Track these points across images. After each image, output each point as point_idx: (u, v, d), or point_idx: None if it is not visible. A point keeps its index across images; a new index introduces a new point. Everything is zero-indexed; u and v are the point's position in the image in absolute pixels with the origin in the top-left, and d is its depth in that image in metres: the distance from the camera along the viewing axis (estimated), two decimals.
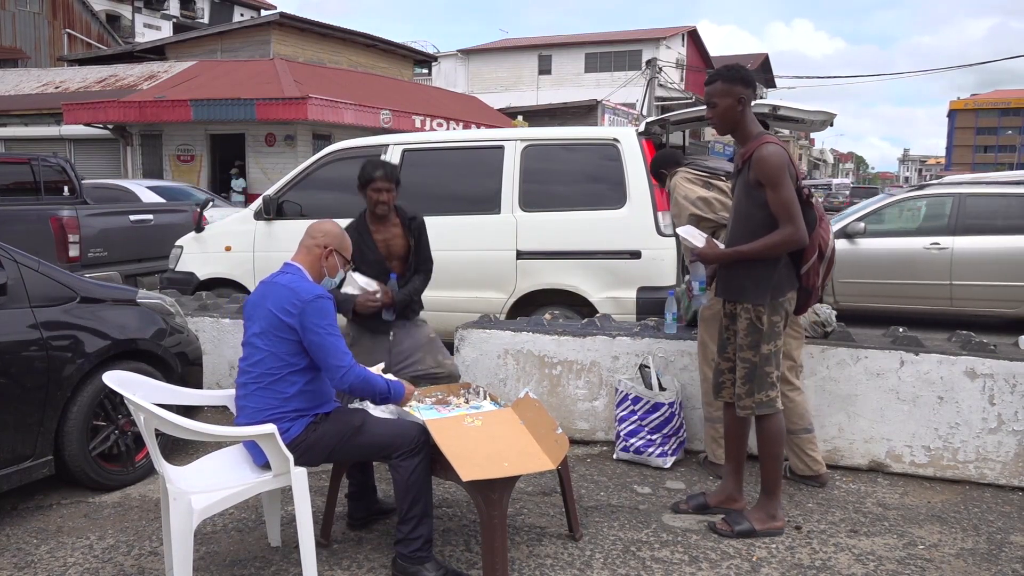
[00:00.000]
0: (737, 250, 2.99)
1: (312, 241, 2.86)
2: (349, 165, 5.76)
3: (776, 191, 2.87)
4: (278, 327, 2.64)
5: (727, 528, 3.09)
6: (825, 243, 3.03)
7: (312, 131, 16.85)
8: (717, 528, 3.11)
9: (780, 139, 2.97)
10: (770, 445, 3.08)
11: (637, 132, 5.16)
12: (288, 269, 2.81)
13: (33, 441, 3.28)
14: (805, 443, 3.55)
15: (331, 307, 2.70)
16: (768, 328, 2.98)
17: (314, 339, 2.64)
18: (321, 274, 2.85)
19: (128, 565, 2.90)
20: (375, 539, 3.10)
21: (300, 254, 2.85)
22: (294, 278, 2.74)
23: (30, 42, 28.12)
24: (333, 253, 2.87)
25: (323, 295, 2.70)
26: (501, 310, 5.16)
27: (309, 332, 2.64)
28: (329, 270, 2.88)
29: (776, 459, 3.09)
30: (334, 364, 2.66)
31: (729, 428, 3.25)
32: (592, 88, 34.54)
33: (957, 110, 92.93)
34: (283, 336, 2.65)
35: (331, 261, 2.87)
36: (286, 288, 2.69)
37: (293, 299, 2.64)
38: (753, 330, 3.00)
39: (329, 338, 2.66)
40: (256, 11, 36.97)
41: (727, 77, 3.00)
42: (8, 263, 3.28)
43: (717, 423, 3.61)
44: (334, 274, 2.91)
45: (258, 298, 2.75)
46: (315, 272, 2.83)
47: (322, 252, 2.84)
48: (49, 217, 7.26)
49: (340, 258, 2.91)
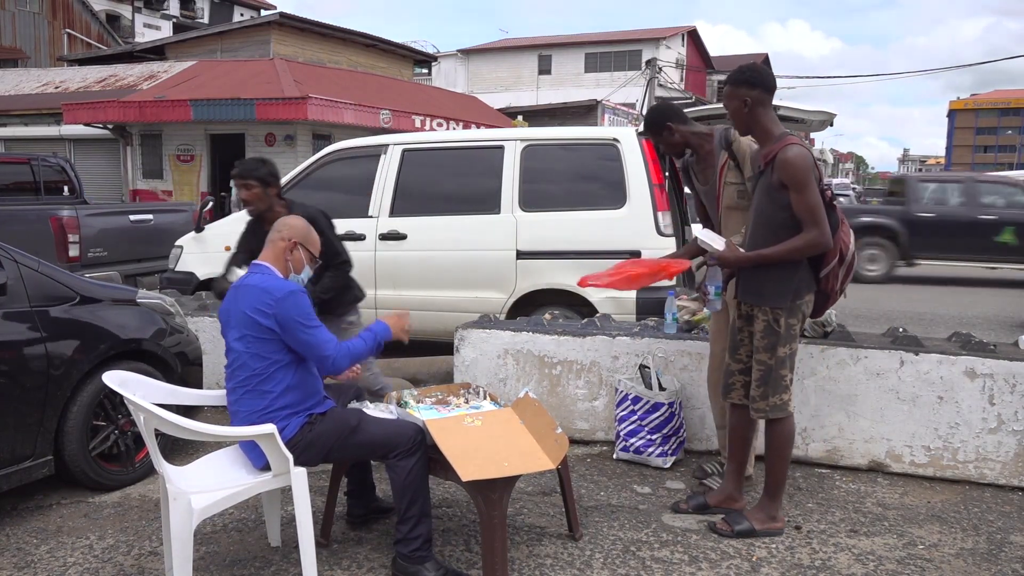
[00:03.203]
0: (760, 254, 2.94)
1: (277, 235, 2.83)
2: (349, 165, 5.78)
3: (802, 194, 2.83)
4: (256, 328, 2.63)
5: (727, 528, 3.08)
6: (846, 246, 2.98)
7: (312, 131, 16.84)
8: (717, 528, 3.11)
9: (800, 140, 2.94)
10: (780, 448, 3.07)
11: (637, 132, 5.16)
12: (256, 269, 2.78)
13: (33, 441, 3.27)
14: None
15: (305, 300, 2.68)
16: (785, 331, 2.96)
17: (297, 335, 2.64)
18: (287, 269, 2.82)
19: (128, 565, 2.90)
20: (375, 539, 3.10)
21: (267, 251, 2.83)
22: (264, 277, 2.72)
23: (30, 42, 28.11)
24: (297, 246, 2.84)
25: (295, 290, 2.68)
26: (501, 310, 5.16)
27: (289, 330, 2.63)
28: (295, 264, 2.84)
29: (784, 462, 3.08)
30: (322, 355, 2.67)
31: (735, 429, 3.24)
32: (592, 88, 34.53)
33: (957, 110, 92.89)
34: (262, 337, 2.64)
35: (296, 255, 2.84)
36: (257, 288, 2.67)
37: (266, 299, 2.63)
38: (770, 332, 2.97)
39: (311, 332, 2.65)
40: (256, 11, 36.96)
41: (733, 80, 2.98)
42: (8, 263, 3.28)
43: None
44: (300, 269, 2.86)
45: (231, 303, 2.72)
46: (282, 267, 2.80)
47: (287, 246, 2.82)
48: (49, 217, 7.26)
49: (306, 252, 2.88)
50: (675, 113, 3.47)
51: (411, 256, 5.37)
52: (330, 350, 2.68)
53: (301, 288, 2.73)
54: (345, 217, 5.47)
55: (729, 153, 3.34)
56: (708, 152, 3.46)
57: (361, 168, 5.64)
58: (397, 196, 5.45)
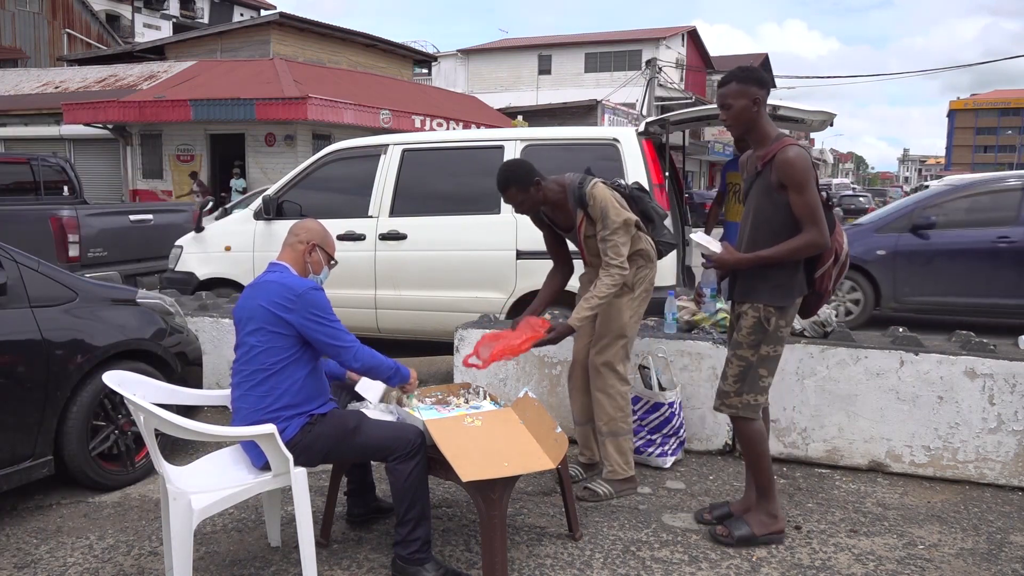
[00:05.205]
0: (758, 255, 2.92)
1: (295, 239, 2.89)
2: (349, 165, 5.77)
3: (801, 194, 2.82)
4: (274, 322, 2.65)
5: (726, 533, 3.04)
6: (841, 247, 2.99)
7: (312, 131, 16.86)
8: (717, 534, 3.07)
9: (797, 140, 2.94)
10: (752, 445, 3.04)
11: (637, 132, 5.16)
12: (274, 268, 2.83)
13: (33, 441, 3.27)
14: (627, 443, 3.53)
15: (324, 297, 2.72)
16: (774, 330, 2.94)
17: (316, 329, 2.66)
18: (306, 270, 2.87)
19: (128, 565, 2.90)
20: (375, 539, 3.10)
21: (284, 253, 2.88)
22: (282, 275, 2.76)
23: (30, 42, 28.11)
24: (316, 248, 2.89)
25: (315, 287, 2.73)
26: (501, 310, 5.16)
27: (309, 324, 2.66)
28: (313, 266, 2.89)
29: (763, 458, 3.04)
30: (341, 347, 2.71)
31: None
32: (592, 88, 34.55)
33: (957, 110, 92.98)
34: (278, 331, 2.66)
35: (314, 257, 2.89)
36: (277, 284, 2.71)
37: (287, 293, 2.66)
38: (759, 329, 2.95)
39: (330, 325, 2.69)
40: (256, 11, 36.98)
41: (741, 78, 2.93)
42: (8, 263, 3.28)
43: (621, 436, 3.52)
44: (319, 270, 2.92)
45: (248, 299, 2.76)
46: (300, 269, 2.85)
47: (306, 248, 2.87)
48: (49, 217, 7.26)
49: (323, 254, 2.93)
50: (531, 170, 3.42)
51: (411, 256, 5.37)
52: (350, 341, 2.73)
53: (319, 286, 2.78)
54: (345, 217, 5.48)
55: (585, 213, 3.38)
56: (562, 200, 3.46)
57: (361, 168, 5.63)
58: (397, 196, 5.45)
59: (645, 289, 3.48)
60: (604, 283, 3.28)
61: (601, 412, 3.45)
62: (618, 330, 3.42)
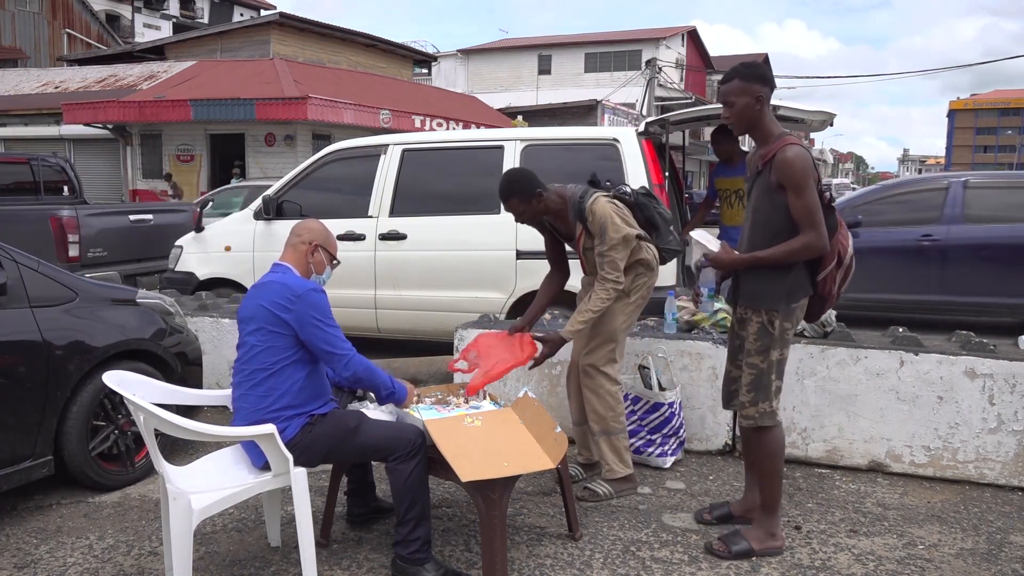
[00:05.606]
0: (755, 256, 2.88)
1: (297, 239, 2.89)
2: (349, 165, 5.78)
3: (800, 196, 2.76)
4: (273, 322, 2.66)
5: (724, 548, 2.96)
6: (844, 249, 2.92)
7: (312, 131, 16.86)
8: (714, 549, 2.97)
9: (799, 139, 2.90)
10: (770, 458, 2.97)
11: (637, 132, 5.16)
12: (277, 269, 2.83)
13: (33, 441, 3.27)
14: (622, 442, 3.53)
15: (324, 300, 2.72)
16: (779, 334, 2.90)
17: (314, 332, 2.66)
18: (309, 271, 2.87)
19: (128, 565, 2.90)
20: (375, 539, 3.10)
21: (287, 253, 2.88)
22: (284, 276, 2.77)
23: (30, 42, 28.12)
24: (318, 249, 2.89)
25: (316, 288, 2.73)
26: (501, 310, 5.16)
27: (307, 326, 2.65)
28: (316, 266, 2.89)
29: (776, 473, 2.98)
30: (336, 353, 2.69)
31: (749, 439, 3.17)
32: (592, 88, 34.56)
33: (957, 110, 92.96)
34: (278, 331, 2.66)
35: (317, 257, 2.89)
36: (278, 284, 2.71)
37: (287, 293, 2.66)
38: (764, 334, 2.90)
39: (328, 329, 2.68)
40: (256, 11, 36.98)
41: (744, 75, 2.86)
42: (8, 263, 3.28)
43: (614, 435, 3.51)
44: (321, 270, 2.92)
45: (250, 299, 2.76)
46: (303, 269, 2.85)
47: (308, 248, 2.87)
48: (49, 217, 7.26)
49: (326, 254, 2.93)
50: (534, 181, 3.41)
51: (411, 256, 5.37)
52: (347, 348, 2.71)
53: (320, 287, 2.77)
54: (345, 217, 5.48)
55: (584, 227, 3.39)
56: (563, 212, 3.48)
57: (361, 168, 5.64)
58: (397, 196, 5.46)
59: (641, 296, 3.49)
60: (599, 296, 3.30)
61: (591, 412, 3.47)
62: (608, 334, 3.43)
